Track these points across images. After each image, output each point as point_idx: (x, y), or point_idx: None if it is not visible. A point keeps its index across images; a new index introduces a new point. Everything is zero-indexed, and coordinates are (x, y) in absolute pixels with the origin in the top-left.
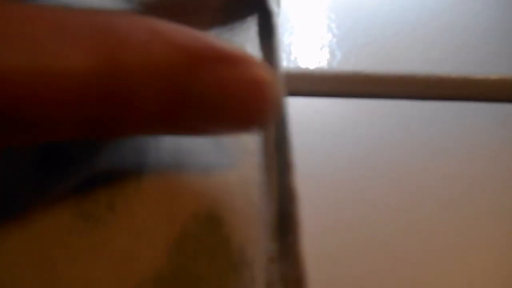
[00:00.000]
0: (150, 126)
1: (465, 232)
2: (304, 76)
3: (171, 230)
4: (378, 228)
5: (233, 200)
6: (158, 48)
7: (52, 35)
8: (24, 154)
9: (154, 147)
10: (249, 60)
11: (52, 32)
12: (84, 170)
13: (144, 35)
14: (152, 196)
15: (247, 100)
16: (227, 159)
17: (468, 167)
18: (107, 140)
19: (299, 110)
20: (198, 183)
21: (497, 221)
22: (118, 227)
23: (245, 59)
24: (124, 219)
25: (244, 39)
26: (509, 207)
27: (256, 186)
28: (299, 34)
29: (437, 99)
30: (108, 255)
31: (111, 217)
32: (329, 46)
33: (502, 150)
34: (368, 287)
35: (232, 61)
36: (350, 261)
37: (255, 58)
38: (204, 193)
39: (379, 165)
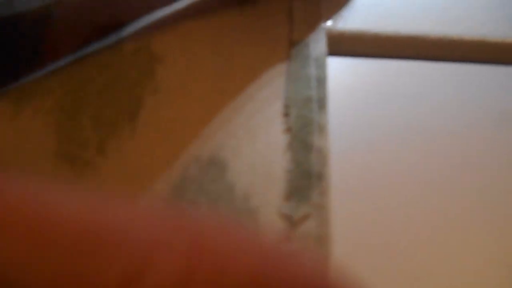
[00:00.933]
0: None
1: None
2: None
3: (170, 175)
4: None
5: (239, 145)
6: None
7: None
8: None
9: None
10: None
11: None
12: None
13: (231, 250)
14: (148, 138)
15: None
16: None
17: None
18: None
19: None
20: (201, 123)
21: None
22: (110, 172)
23: None
24: (117, 163)
25: None
26: None
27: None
28: None
29: (449, 61)
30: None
31: (102, 161)
32: None
33: None
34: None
35: None
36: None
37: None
38: (207, 135)
39: (391, 129)
